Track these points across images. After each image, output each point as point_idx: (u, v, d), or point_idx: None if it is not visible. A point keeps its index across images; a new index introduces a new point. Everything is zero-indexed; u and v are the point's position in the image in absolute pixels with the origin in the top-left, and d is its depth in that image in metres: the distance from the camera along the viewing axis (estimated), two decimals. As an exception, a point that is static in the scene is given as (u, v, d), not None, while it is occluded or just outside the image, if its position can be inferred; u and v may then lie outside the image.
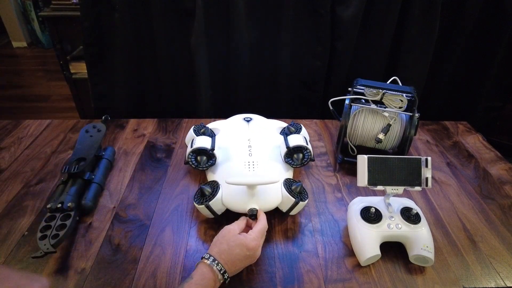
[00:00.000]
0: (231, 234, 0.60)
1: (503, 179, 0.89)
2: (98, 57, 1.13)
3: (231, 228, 0.62)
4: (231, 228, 0.62)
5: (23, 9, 3.38)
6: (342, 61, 1.15)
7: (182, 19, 1.06)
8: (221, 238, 0.60)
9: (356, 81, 0.91)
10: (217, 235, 0.62)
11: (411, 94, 0.86)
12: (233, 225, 0.63)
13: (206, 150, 0.80)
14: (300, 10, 1.07)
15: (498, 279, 0.64)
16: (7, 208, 0.75)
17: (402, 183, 0.65)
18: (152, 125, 1.07)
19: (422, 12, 1.06)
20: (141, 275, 0.62)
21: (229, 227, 0.62)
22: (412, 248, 0.64)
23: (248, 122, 0.92)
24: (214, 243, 0.60)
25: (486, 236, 0.72)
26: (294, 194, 0.70)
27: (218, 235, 0.61)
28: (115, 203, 0.78)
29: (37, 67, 3.18)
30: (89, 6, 1.04)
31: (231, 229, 0.61)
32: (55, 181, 0.83)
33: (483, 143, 1.04)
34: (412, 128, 0.86)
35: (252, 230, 0.62)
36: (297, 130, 0.90)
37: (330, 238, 0.71)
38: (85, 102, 1.73)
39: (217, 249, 0.58)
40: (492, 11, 1.10)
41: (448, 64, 1.20)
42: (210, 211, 0.70)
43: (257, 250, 0.61)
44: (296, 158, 0.81)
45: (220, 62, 1.16)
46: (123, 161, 0.91)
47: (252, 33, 1.11)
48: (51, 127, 1.04)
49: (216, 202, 0.69)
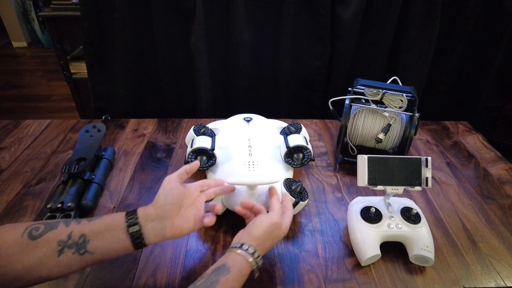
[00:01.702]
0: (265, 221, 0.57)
1: (503, 179, 0.89)
2: (98, 57, 1.13)
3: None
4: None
5: (23, 9, 3.38)
6: (342, 61, 1.15)
7: (182, 19, 1.06)
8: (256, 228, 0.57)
9: (356, 81, 0.91)
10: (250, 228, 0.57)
11: (411, 94, 0.86)
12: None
13: (206, 150, 0.80)
14: (300, 10, 1.07)
15: (498, 279, 0.64)
16: (7, 208, 0.75)
17: (402, 183, 0.65)
18: (152, 125, 1.07)
19: (422, 12, 1.06)
20: (141, 275, 0.62)
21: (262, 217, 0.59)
22: (412, 248, 0.64)
23: (248, 122, 0.92)
24: (246, 233, 0.56)
25: (486, 236, 0.72)
26: (294, 194, 0.70)
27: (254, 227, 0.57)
28: (115, 203, 0.78)
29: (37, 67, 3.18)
30: (89, 6, 1.04)
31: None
32: (55, 181, 0.83)
33: (483, 143, 1.04)
34: (412, 128, 0.86)
35: (273, 208, 0.59)
36: (297, 130, 0.90)
37: (330, 238, 0.71)
38: (85, 102, 1.73)
39: (250, 237, 0.55)
40: (492, 11, 1.10)
41: (448, 64, 1.20)
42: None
43: (283, 226, 0.58)
44: (296, 158, 0.81)
45: (220, 62, 1.16)
46: (123, 161, 0.91)
47: (252, 33, 1.11)
48: (51, 127, 1.04)
49: (216, 202, 0.69)
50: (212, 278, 0.48)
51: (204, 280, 0.48)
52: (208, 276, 0.49)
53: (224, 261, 0.51)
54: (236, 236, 0.57)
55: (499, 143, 1.41)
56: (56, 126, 1.04)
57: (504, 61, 1.19)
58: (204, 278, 0.49)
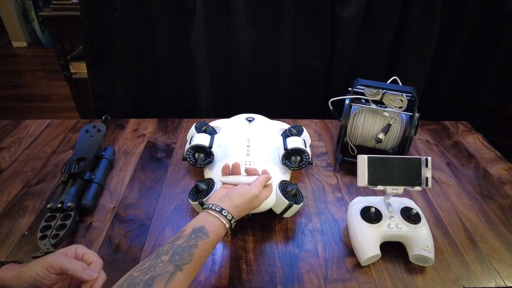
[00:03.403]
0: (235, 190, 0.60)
1: (503, 179, 0.89)
2: (98, 57, 1.13)
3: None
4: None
5: (23, 9, 3.38)
6: (342, 61, 1.15)
7: (182, 19, 1.06)
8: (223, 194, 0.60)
9: (356, 81, 0.91)
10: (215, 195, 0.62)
11: (411, 94, 0.86)
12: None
13: (204, 147, 0.80)
14: (300, 10, 1.07)
15: (498, 279, 0.64)
16: (7, 208, 0.75)
17: (402, 183, 0.65)
18: (152, 125, 1.07)
19: (422, 12, 1.06)
20: (141, 275, 0.62)
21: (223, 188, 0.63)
22: (412, 248, 0.64)
23: (250, 122, 0.92)
24: (228, 198, 0.59)
25: (486, 236, 0.72)
26: (288, 197, 0.70)
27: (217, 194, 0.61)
28: (115, 203, 0.78)
29: (37, 67, 3.18)
30: (89, 6, 1.04)
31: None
32: (55, 181, 0.83)
33: (483, 143, 1.04)
34: (412, 128, 0.86)
35: (254, 181, 0.63)
36: (298, 132, 0.89)
37: (330, 238, 0.71)
38: (85, 102, 1.73)
39: (220, 200, 0.58)
40: (492, 11, 1.10)
41: (448, 64, 1.20)
42: None
43: (260, 199, 0.62)
44: (294, 161, 0.81)
45: (220, 62, 1.16)
46: (123, 161, 0.91)
47: (252, 33, 1.11)
48: (51, 127, 1.04)
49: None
50: (191, 241, 0.50)
51: (183, 241, 0.50)
52: (187, 238, 0.50)
53: (203, 223, 0.53)
54: (215, 196, 0.60)
55: (499, 143, 1.41)
56: (56, 126, 1.04)
57: (504, 61, 1.19)
58: (183, 239, 0.50)
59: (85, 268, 0.48)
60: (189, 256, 0.48)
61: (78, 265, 0.48)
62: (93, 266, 0.49)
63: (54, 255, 0.49)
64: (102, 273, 0.50)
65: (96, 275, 0.48)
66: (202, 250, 0.50)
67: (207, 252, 0.51)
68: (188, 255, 0.48)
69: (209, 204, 0.57)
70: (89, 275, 0.47)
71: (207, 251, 0.51)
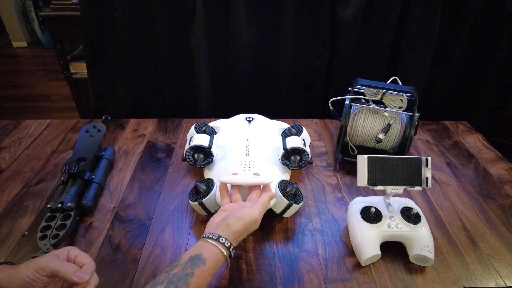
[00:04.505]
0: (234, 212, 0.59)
1: (503, 179, 0.89)
2: (98, 57, 1.13)
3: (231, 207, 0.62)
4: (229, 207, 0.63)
5: (23, 9, 3.38)
6: (342, 61, 1.15)
7: (182, 19, 1.06)
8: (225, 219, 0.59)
9: (356, 81, 0.91)
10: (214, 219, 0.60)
11: (411, 94, 0.86)
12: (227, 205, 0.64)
13: (203, 148, 0.80)
14: (300, 10, 1.07)
15: (498, 279, 0.64)
16: (7, 208, 0.75)
17: (402, 183, 0.65)
18: (152, 125, 1.07)
19: (422, 12, 1.06)
20: (141, 275, 0.62)
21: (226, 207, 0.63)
22: (412, 248, 0.64)
23: (250, 122, 0.92)
24: (225, 224, 0.57)
25: (486, 236, 0.72)
26: (288, 196, 0.70)
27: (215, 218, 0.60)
28: (115, 203, 0.78)
29: (37, 67, 3.18)
30: (89, 6, 1.04)
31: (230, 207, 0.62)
32: (55, 181, 0.83)
33: (483, 143, 1.04)
34: (412, 128, 0.86)
35: (256, 202, 0.61)
36: (298, 132, 0.89)
37: (330, 238, 0.71)
38: (85, 102, 1.73)
39: (218, 228, 0.57)
40: (492, 11, 1.10)
41: (448, 64, 1.20)
42: (204, 209, 0.70)
43: (259, 222, 0.60)
44: (293, 160, 0.81)
45: (220, 62, 1.16)
46: (123, 161, 0.91)
47: (252, 33, 1.11)
48: (51, 127, 1.04)
49: (210, 200, 0.69)
50: (187, 269, 0.49)
51: (179, 269, 0.49)
52: (183, 266, 0.49)
53: (200, 251, 0.52)
54: (212, 222, 0.58)
55: (499, 143, 1.41)
56: (56, 126, 1.04)
57: (504, 61, 1.19)
58: (179, 268, 0.49)
59: (76, 270, 0.47)
60: (184, 285, 0.47)
61: (69, 267, 0.47)
62: (85, 269, 0.48)
63: (45, 257, 0.48)
64: (94, 276, 0.49)
65: (88, 277, 0.47)
66: (199, 278, 0.49)
67: (204, 280, 0.50)
68: (183, 284, 0.47)
69: (206, 233, 0.55)
70: (80, 277, 0.47)
71: (204, 279, 0.50)
